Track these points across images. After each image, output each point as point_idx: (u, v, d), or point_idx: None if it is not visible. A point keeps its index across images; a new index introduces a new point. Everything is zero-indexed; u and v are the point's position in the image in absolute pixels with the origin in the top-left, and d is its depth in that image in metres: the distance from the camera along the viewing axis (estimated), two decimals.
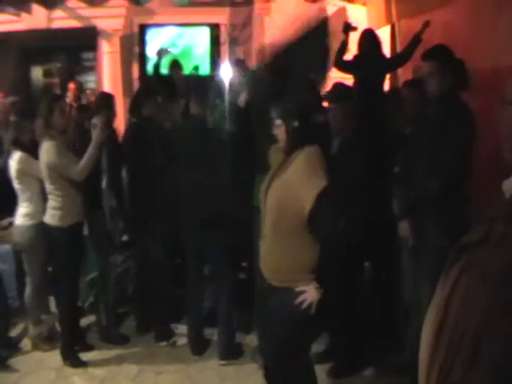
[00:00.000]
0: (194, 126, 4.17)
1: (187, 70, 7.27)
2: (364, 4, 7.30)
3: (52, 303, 4.60)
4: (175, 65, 6.61)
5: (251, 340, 4.36)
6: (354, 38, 5.57)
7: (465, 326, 1.02)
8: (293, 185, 2.62)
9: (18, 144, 4.25)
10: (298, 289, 2.67)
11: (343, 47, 5.53)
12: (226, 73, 5.39)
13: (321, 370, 3.97)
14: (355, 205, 3.72)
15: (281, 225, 2.68)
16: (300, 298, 2.66)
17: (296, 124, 2.71)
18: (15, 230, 4.33)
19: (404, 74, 6.00)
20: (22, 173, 4.18)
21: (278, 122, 2.75)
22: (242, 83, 4.61)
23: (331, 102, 4.03)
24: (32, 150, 4.14)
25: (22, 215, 4.23)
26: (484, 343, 0.97)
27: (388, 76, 5.92)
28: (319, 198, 2.53)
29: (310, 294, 2.65)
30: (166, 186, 4.27)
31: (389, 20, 6.52)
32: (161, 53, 6.75)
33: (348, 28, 5.57)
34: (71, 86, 6.52)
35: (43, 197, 4.12)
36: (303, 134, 2.72)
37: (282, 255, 2.72)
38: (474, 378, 0.99)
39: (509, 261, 0.99)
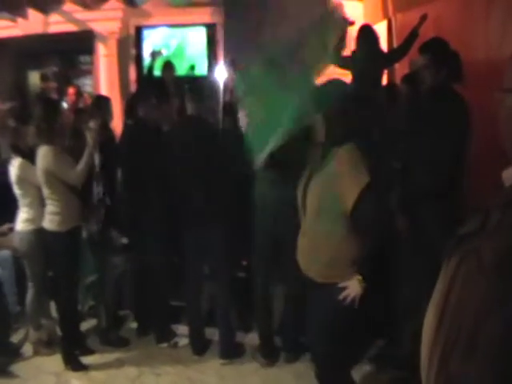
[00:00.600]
0: (192, 126, 4.16)
1: (182, 70, 7.28)
2: (360, 0, 7.28)
3: (52, 308, 4.59)
4: (167, 66, 6.60)
5: (251, 339, 4.33)
6: (351, 34, 5.55)
7: (463, 315, 1.02)
8: (334, 181, 2.60)
9: (16, 150, 4.24)
10: (341, 284, 2.67)
11: (340, 43, 5.50)
12: (222, 73, 5.38)
13: None
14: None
15: (322, 221, 2.68)
16: (343, 294, 2.66)
17: (336, 121, 2.67)
18: (15, 235, 4.33)
19: (401, 68, 5.99)
20: (22, 179, 4.17)
21: (318, 118, 2.71)
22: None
23: None
24: (30, 155, 4.14)
25: (22, 221, 4.23)
26: (482, 332, 0.97)
27: (385, 71, 5.89)
28: (362, 194, 2.53)
29: (352, 288, 2.66)
30: (162, 186, 4.26)
31: (385, 15, 6.51)
32: (154, 54, 6.75)
33: (345, 23, 5.54)
34: (70, 90, 6.53)
35: (43, 202, 4.11)
36: (343, 130, 2.69)
37: (322, 252, 2.71)
38: (472, 366, 0.99)
39: (504, 248, 0.98)
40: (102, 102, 4.85)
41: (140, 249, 4.49)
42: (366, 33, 5.34)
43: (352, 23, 5.66)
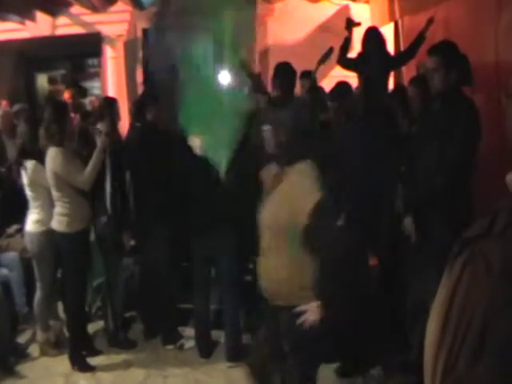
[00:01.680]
0: None
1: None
2: (367, 2, 7.31)
3: (60, 309, 4.61)
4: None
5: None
6: (357, 36, 5.57)
7: (470, 318, 1.02)
8: (289, 199, 2.56)
9: (28, 152, 4.26)
10: (298, 308, 2.55)
11: (346, 44, 5.51)
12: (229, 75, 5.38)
13: (328, 370, 3.96)
14: (358, 202, 3.72)
15: (279, 240, 2.61)
16: (301, 319, 2.54)
17: (291, 139, 2.64)
18: (26, 236, 4.35)
19: (408, 71, 5.99)
20: (34, 181, 4.19)
21: (272, 136, 2.68)
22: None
23: (333, 101, 4.04)
24: (40, 157, 4.16)
25: (32, 222, 4.25)
26: (490, 333, 0.98)
27: (392, 73, 5.90)
28: (315, 211, 2.46)
29: (310, 313, 2.53)
30: (171, 189, 4.26)
31: (392, 17, 6.51)
32: None
33: (351, 24, 5.55)
34: (66, 94, 6.55)
35: (53, 204, 4.13)
36: (298, 148, 2.66)
37: (281, 272, 2.61)
38: (478, 369, 0.99)
39: (511, 254, 0.98)
40: (109, 104, 4.86)
41: (148, 251, 4.50)
42: (373, 35, 5.35)
43: (358, 24, 5.65)
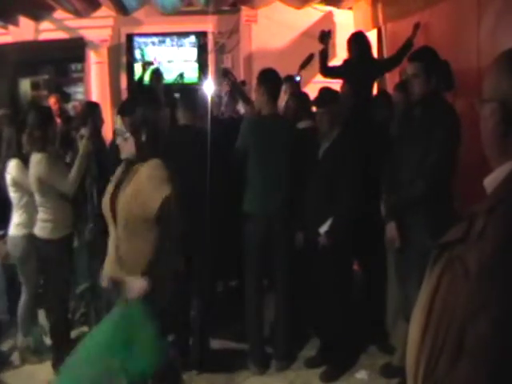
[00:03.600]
0: (186, 136, 4.02)
1: (172, 78, 7.29)
2: (350, 8, 7.33)
3: (41, 315, 4.57)
4: (156, 74, 6.60)
5: (244, 347, 4.33)
6: (341, 42, 5.58)
7: (448, 323, 1.03)
8: (141, 193, 2.79)
9: (12, 156, 4.23)
10: (127, 280, 2.80)
11: (324, 56, 5.53)
12: (212, 82, 5.40)
13: (313, 375, 3.98)
14: (343, 207, 3.76)
15: (128, 228, 2.82)
16: (129, 292, 2.78)
17: (144, 138, 2.87)
18: (9, 239, 4.30)
19: (391, 77, 6.03)
20: (17, 181, 4.16)
21: (127, 134, 2.90)
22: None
23: (319, 107, 4.05)
24: (23, 162, 4.13)
25: (15, 225, 4.22)
26: (469, 335, 0.99)
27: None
28: (166, 202, 2.75)
29: (134, 287, 2.76)
30: None
31: (375, 24, 6.55)
32: (145, 65, 6.73)
33: (324, 37, 5.57)
34: (51, 100, 6.52)
35: (37, 208, 4.09)
36: (151, 147, 2.89)
37: (125, 250, 2.84)
38: (457, 373, 1.00)
39: (487, 256, 1.00)
40: (92, 109, 4.84)
41: None
42: (359, 40, 5.36)
43: (330, 33, 5.67)
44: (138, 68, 7.79)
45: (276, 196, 3.98)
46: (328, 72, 5.51)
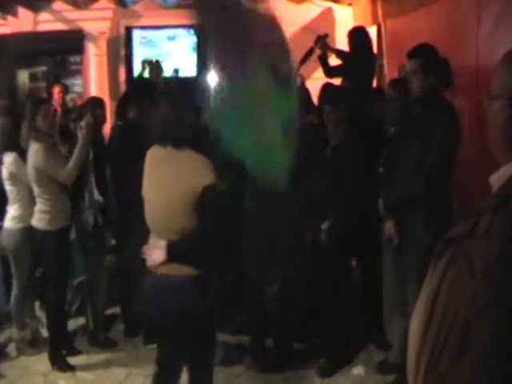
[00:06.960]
0: None
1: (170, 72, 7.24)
2: (350, 4, 7.32)
3: (37, 308, 4.57)
4: (156, 67, 6.56)
5: (240, 340, 4.34)
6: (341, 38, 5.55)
7: (452, 319, 1.02)
8: (183, 179, 2.74)
9: (8, 147, 4.23)
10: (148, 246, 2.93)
11: (323, 60, 5.52)
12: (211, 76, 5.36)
13: (309, 370, 3.99)
14: (347, 205, 3.74)
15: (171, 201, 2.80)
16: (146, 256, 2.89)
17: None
18: (3, 232, 4.30)
19: (390, 73, 6.03)
20: (14, 175, 4.16)
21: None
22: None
23: (325, 104, 4.03)
24: (21, 153, 4.12)
25: (10, 218, 4.21)
26: (473, 333, 0.98)
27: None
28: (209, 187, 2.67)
29: (154, 252, 2.83)
30: None
31: (375, 20, 6.53)
32: (145, 63, 6.70)
33: (321, 40, 5.55)
34: (55, 89, 6.50)
35: (33, 200, 4.09)
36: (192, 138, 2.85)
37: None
38: (461, 370, 0.99)
39: (494, 254, 1.00)
40: (94, 103, 4.82)
41: (129, 249, 4.48)
42: (361, 34, 5.34)
43: (326, 36, 5.66)
44: (137, 63, 7.71)
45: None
46: (333, 73, 5.50)
